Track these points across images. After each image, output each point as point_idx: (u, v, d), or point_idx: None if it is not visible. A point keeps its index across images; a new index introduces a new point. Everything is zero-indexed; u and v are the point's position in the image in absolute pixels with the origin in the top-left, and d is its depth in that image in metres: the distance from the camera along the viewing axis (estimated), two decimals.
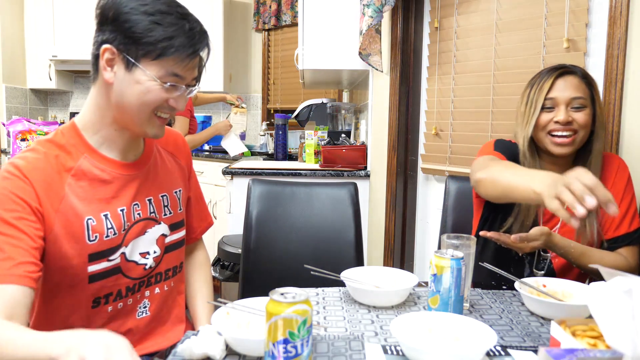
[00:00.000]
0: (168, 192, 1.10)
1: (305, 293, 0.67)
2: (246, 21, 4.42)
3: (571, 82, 1.22)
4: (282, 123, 3.03)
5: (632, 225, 1.24)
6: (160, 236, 1.07)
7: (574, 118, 1.21)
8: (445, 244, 1.00)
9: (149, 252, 1.04)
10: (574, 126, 1.21)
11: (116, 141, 1.00)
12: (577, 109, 1.21)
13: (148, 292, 1.07)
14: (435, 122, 2.18)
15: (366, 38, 2.16)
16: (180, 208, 1.13)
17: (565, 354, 0.59)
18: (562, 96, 1.21)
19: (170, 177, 1.13)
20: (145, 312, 1.07)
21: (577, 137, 1.22)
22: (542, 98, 1.22)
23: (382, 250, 2.38)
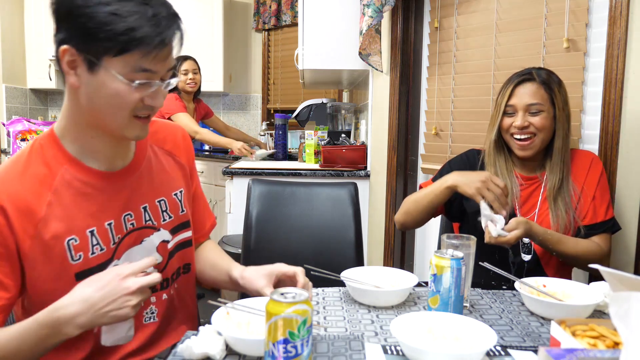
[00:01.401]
0: (166, 196, 1.03)
1: (305, 293, 0.67)
2: (246, 21, 4.43)
3: (529, 89, 1.33)
4: (282, 123, 3.04)
5: (607, 215, 1.33)
6: (160, 243, 1.01)
7: (531, 122, 1.33)
8: (445, 244, 1.00)
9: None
10: (530, 129, 1.33)
11: (98, 149, 0.92)
12: (534, 114, 1.33)
13: (154, 298, 1.01)
14: (435, 122, 2.18)
15: (366, 38, 2.16)
16: (182, 210, 1.06)
17: (565, 353, 0.59)
18: (520, 103, 1.34)
19: (168, 179, 1.05)
20: (152, 318, 1.01)
21: (537, 139, 1.34)
22: (504, 104, 1.36)
23: (382, 250, 2.38)
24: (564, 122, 1.34)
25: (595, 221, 1.33)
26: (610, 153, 1.48)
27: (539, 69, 1.37)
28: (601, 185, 1.36)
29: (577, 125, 1.64)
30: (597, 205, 1.34)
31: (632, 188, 1.44)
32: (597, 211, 1.33)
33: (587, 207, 1.34)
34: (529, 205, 1.38)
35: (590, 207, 1.33)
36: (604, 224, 1.33)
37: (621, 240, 1.47)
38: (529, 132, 1.33)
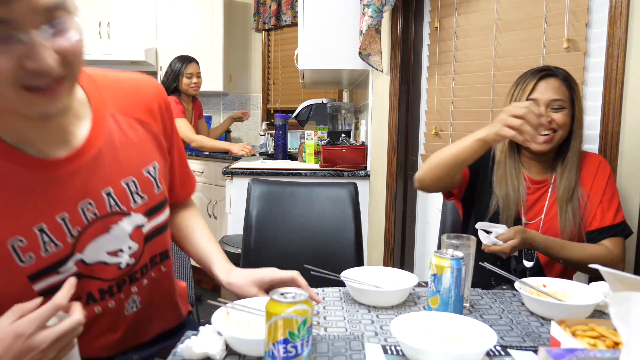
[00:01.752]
0: (135, 174, 0.88)
1: (305, 293, 0.67)
2: (246, 21, 4.43)
3: (552, 84, 1.30)
4: (282, 123, 3.03)
5: (617, 218, 1.30)
6: (134, 229, 0.88)
7: (553, 118, 1.29)
8: (445, 244, 1.00)
9: (123, 250, 0.87)
10: (552, 126, 1.29)
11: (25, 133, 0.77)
12: (557, 109, 1.29)
13: (135, 287, 0.92)
14: (435, 122, 2.18)
15: (366, 38, 2.16)
16: (158, 187, 0.92)
17: (565, 354, 0.60)
18: (543, 98, 1.30)
19: (138, 153, 0.90)
20: (135, 307, 0.93)
21: (556, 136, 1.30)
22: (525, 98, 1.31)
23: (382, 250, 2.38)
24: (581, 123, 1.32)
25: (603, 225, 1.30)
26: (610, 153, 1.48)
27: (557, 67, 1.34)
28: (609, 188, 1.32)
29: None
30: (604, 209, 1.31)
31: (632, 188, 1.44)
32: (605, 215, 1.30)
33: (594, 212, 1.31)
34: (535, 210, 1.36)
35: (598, 211, 1.31)
36: (612, 228, 1.30)
37: None
38: (550, 129, 1.29)
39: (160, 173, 0.93)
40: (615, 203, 1.32)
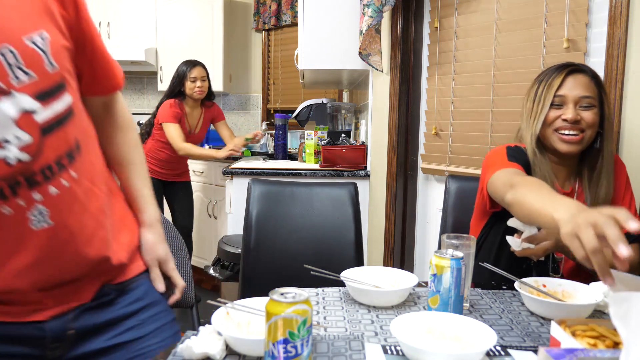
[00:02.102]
0: (12, 42, 0.68)
1: (305, 293, 0.67)
2: (246, 21, 4.43)
3: (581, 80, 1.21)
4: (282, 123, 3.04)
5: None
6: (22, 115, 0.70)
7: (582, 117, 1.20)
8: (445, 244, 1.00)
9: (8, 140, 0.69)
10: (581, 125, 1.20)
11: None
12: (586, 108, 1.20)
13: (39, 195, 0.73)
14: (435, 122, 2.18)
15: (366, 38, 2.16)
16: (51, 64, 0.73)
17: (565, 354, 0.60)
18: (572, 94, 1.20)
19: (15, 16, 0.70)
20: (44, 222, 0.74)
21: (585, 136, 1.21)
22: (552, 95, 1.21)
23: (382, 250, 2.38)
24: (612, 122, 1.23)
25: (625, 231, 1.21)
26: None
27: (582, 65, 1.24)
28: (628, 190, 1.27)
29: None
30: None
31: (633, 188, 1.44)
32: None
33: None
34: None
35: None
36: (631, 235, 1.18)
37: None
38: (579, 128, 1.19)
39: (55, 48, 0.73)
40: (634, 208, 1.26)
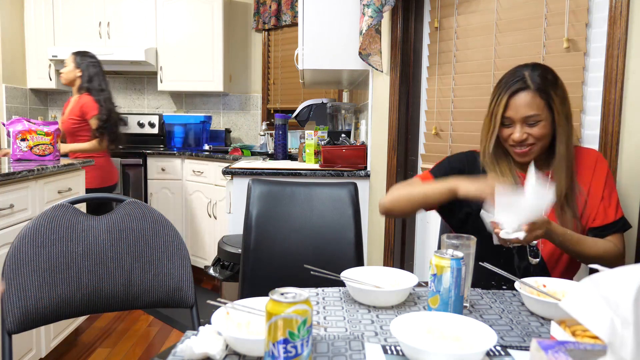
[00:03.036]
0: None
1: (305, 293, 0.67)
2: (246, 21, 4.43)
3: (524, 100, 1.27)
4: (282, 123, 3.04)
5: (618, 214, 1.31)
6: None
7: (530, 133, 1.29)
8: (445, 244, 1.00)
9: None
10: (530, 140, 1.29)
11: None
12: (532, 125, 1.28)
13: None
14: (435, 122, 2.18)
15: (366, 38, 2.16)
16: None
17: (556, 345, 0.60)
18: (517, 116, 1.28)
19: None
20: None
21: (535, 147, 1.30)
22: (500, 116, 1.31)
23: (382, 250, 2.38)
24: (564, 124, 1.29)
25: (607, 222, 1.30)
26: (610, 153, 1.48)
27: (532, 70, 1.29)
28: (608, 184, 1.32)
29: (577, 125, 1.64)
30: (606, 206, 1.31)
31: (633, 188, 1.44)
32: (607, 211, 1.30)
33: (597, 209, 1.31)
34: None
35: (600, 208, 1.31)
36: (616, 224, 1.31)
37: None
38: (528, 144, 1.30)
39: None
40: (615, 198, 1.32)
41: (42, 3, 4.04)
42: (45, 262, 1.18)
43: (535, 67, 1.30)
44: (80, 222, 1.26)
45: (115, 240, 1.27)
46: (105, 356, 2.51)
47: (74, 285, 1.22)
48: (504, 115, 1.30)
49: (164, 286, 1.28)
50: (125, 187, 3.83)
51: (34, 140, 2.50)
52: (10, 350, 1.11)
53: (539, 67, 1.30)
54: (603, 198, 1.31)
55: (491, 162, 1.37)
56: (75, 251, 1.23)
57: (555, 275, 1.34)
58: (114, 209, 1.31)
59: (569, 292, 0.61)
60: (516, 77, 1.29)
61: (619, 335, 0.52)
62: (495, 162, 1.37)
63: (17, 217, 2.08)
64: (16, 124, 2.49)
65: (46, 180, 2.30)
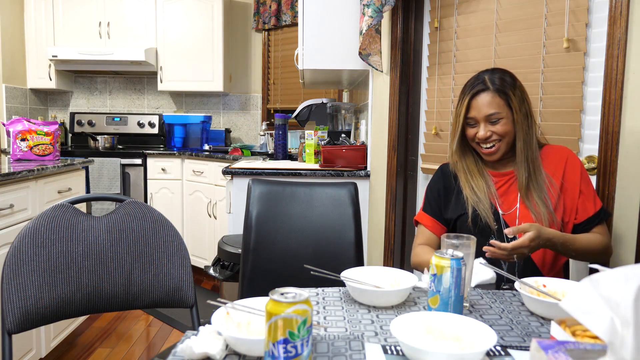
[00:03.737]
0: None
1: (305, 293, 0.67)
2: (246, 21, 4.43)
3: (484, 100, 1.36)
4: (282, 123, 3.04)
5: (597, 206, 1.37)
6: None
7: (493, 131, 1.37)
8: (445, 244, 1.00)
9: None
10: (494, 138, 1.38)
11: None
12: (494, 122, 1.36)
13: None
14: (435, 122, 2.18)
15: (366, 38, 2.16)
16: None
17: (556, 344, 0.60)
18: (479, 115, 1.37)
19: None
20: None
21: (502, 144, 1.38)
22: (463, 117, 1.40)
23: (382, 250, 2.38)
24: (522, 122, 1.36)
25: (589, 215, 1.36)
26: (610, 153, 1.48)
27: (492, 73, 1.38)
28: (584, 179, 1.38)
29: (577, 125, 1.64)
30: (585, 200, 1.37)
31: (632, 188, 1.44)
32: (587, 205, 1.36)
33: (576, 204, 1.36)
34: (509, 201, 1.40)
35: (580, 203, 1.36)
36: (597, 216, 1.37)
37: (621, 240, 1.47)
38: (493, 140, 1.38)
39: None
40: (592, 191, 1.39)
41: (42, 3, 4.04)
42: (45, 262, 1.18)
43: (494, 70, 1.40)
44: (80, 222, 1.26)
45: (115, 240, 1.27)
46: (105, 356, 2.51)
47: (74, 285, 1.22)
48: (467, 116, 1.39)
49: (164, 286, 1.28)
50: (125, 187, 3.83)
51: (34, 140, 2.50)
52: (10, 350, 1.11)
53: (498, 71, 1.40)
54: (581, 192, 1.37)
55: (459, 160, 1.45)
56: (75, 251, 1.23)
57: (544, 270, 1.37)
58: (114, 209, 1.31)
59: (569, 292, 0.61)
60: (477, 80, 1.39)
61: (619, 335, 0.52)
62: (463, 159, 1.45)
63: (17, 217, 2.08)
64: (16, 124, 2.49)
65: (46, 180, 2.30)
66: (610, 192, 1.48)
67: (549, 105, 1.73)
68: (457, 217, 1.44)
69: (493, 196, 1.40)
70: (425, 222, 1.51)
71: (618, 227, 1.47)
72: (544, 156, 1.42)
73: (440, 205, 1.50)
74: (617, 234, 1.48)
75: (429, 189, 1.54)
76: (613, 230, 1.48)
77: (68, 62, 4.05)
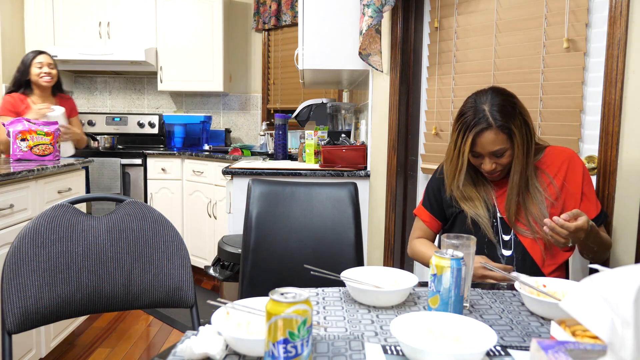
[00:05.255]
0: None
1: (305, 293, 0.67)
2: (246, 21, 4.43)
3: (488, 138, 1.34)
4: (282, 123, 3.04)
5: (598, 207, 1.40)
6: None
7: (498, 162, 1.37)
8: (445, 244, 1.00)
9: None
10: (499, 168, 1.38)
11: None
12: (499, 157, 1.36)
13: None
14: (435, 122, 2.18)
15: (366, 38, 2.16)
16: None
17: (556, 344, 0.60)
18: (484, 151, 1.36)
19: None
20: None
21: (504, 170, 1.40)
22: (467, 152, 1.37)
23: (382, 250, 2.38)
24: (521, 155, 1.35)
25: (591, 217, 1.36)
26: (610, 153, 1.48)
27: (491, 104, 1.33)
28: (586, 181, 1.39)
29: (577, 125, 1.64)
30: (587, 202, 1.38)
31: (632, 188, 1.44)
32: (589, 208, 1.38)
33: (578, 206, 1.36)
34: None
35: (582, 206, 1.37)
36: (599, 217, 1.39)
37: (621, 240, 1.47)
38: (498, 171, 1.39)
39: None
40: (593, 193, 1.40)
41: (42, 3, 4.04)
42: (45, 262, 1.18)
43: (493, 97, 1.35)
44: (80, 222, 1.26)
45: (115, 240, 1.27)
46: (105, 356, 2.51)
47: (74, 285, 1.22)
48: (472, 151, 1.38)
49: (164, 286, 1.28)
50: (125, 187, 3.83)
51: (34, 140, 2.50)
52: (10, 350, 1.11)
53: (496, 96, 1.35)
54: (584, 194, 1.38)
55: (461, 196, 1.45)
56: (75, 251, 1.23)
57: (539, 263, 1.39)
58: (114, 209, 1.31)
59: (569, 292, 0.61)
60: (478, 115, 1.34)
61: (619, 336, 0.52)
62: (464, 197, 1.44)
63: (17, 217, 2.08)
64: (16, 124, 2.49)
65: (46, 180, 2.30)
66: (610, 192, 1.48)
67: (549, 105, 1.73)
68: (458, 213, 1.46)
69: (494, 202, 1.43)
70: (424, 217, 1.56)
71: (618, 227, 1.47)
72: (546, 158, 1.42)
73: (439, 202, 1.52)
74: (617, 234, 1.48)
75: (430, 185, 1.56)
76: (613, 230, 1.48)
77: (68, 62, 4.05)
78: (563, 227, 1.19)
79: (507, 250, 1.40)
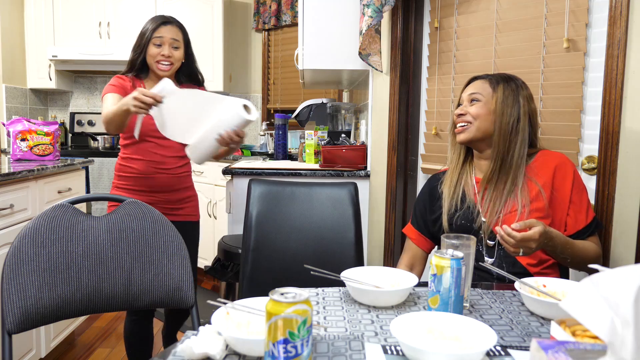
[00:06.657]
0: None
1: (305, 293, 0.67)
2: (246, 21, 4.43)
3: (476, 83, 1.40)
4: (282, 123, 3.03)
5: (589, 217, 1.34)
6: None
7: (468, 111, 1.38)
8: (445, 244, 1.00)
9: None
10: (467, 118, 1.38)
11: None
12: (472, 102, 1.39)
13: None
14: (435, 122, 2.18)
15: (366, 38, 2.16)
16: None
17: (556, 344, 0.60)
18: (464, 95, 1.41)
19: None
20: None
21: (472, 127, 1.37)
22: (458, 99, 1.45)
23: (382, 250, 2.38)
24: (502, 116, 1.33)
25: (579, 228, 1.32)
26: (610, 153, 1.48)
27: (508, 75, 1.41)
28: (576, 187, 1.33)
29: (577, 125, 1.64)
30: (577, 211, 1.33)
31: (632, 188, 1.44)
32: (578, 217, 1.33)
33: (566, 213, 1.32)
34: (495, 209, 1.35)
35: (571, 213, 1.32)
36: (589, 228, 1.33)
37: (621, 240, 1.46)
38: (466, 121, 1.38)
39: None
40: (585, 201, 1.35)
41: (42, 3, 4.04)
42: (45, 262, 1.18)
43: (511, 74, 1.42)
44: (80, 222, 1.26)
45: (115, 240, 1.27)
46: (105, 356, 2.51)
47: (74, 285, 1.22)
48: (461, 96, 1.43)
49: (164, 286, 1.28)
50: None
51: (34, 140, 2.50)
52: (10, 350, 1.11)
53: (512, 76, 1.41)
54: (572, 202, 1.32)
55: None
56: (75, 251, 1.23)
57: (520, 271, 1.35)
58: (114, 209, 1.31)
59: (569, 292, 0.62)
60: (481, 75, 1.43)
61: (619, 336, 0.52)
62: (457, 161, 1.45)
63: (17, 217, 2.08)
64: (16, 124, 2.49)
65: (46, 180, 2.30)
66: (610, 192, 1.48)
67: (549, 105, 1.73)
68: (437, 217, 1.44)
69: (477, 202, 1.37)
70: (411, 235, 1.54)
71: (618, 227, 1.47)
72: (536, 162, 1.37)
73: (425, 217, 1.49)
74: (617, 234, 1.48)
75: (416, 202, 1.55)
76: (613, 230, 1.48)
77: (68, 62, 4.05)
78: (510, 236, 1.13)
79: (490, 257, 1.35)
